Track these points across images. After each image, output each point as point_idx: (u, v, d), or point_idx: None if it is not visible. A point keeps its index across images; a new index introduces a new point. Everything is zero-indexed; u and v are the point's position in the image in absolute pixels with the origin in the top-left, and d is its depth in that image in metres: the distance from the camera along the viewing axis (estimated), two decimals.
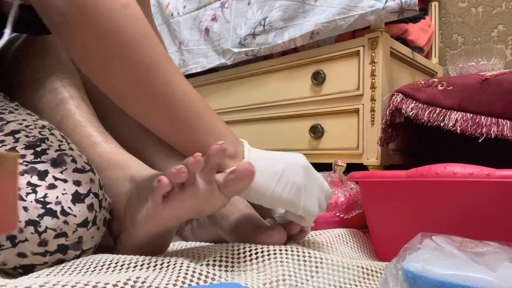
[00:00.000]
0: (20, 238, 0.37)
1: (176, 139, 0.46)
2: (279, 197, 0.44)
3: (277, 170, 0.44)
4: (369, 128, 0.91)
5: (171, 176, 0.38)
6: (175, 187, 0.39)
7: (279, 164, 0.45)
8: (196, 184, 0.39)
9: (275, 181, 0.44)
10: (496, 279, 0.28)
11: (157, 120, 0.45)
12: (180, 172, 0.37)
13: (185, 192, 0.39)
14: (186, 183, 0.39)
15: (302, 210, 0.45)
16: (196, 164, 0.37)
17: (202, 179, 0.39)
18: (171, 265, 0.38)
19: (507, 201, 0.45)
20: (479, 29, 1.24)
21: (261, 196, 0.44)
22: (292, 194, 0.44)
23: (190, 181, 0.39)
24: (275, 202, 0.45)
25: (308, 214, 0.46)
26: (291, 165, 0.45)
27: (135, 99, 0.43)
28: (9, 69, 0.61)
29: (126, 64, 0.41)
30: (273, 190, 0.44)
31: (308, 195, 0.46)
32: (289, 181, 0.44)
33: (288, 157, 0.46)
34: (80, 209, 0.40)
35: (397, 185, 0.54)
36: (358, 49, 0.93)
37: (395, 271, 0.33)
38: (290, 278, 0.39)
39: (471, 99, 0.72)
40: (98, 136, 0.51)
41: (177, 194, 0.39)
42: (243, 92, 1.20)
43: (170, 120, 0.44)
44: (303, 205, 0.45)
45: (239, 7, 1.16)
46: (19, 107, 0.51)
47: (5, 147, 0.42)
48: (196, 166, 0.37)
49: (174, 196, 0.39)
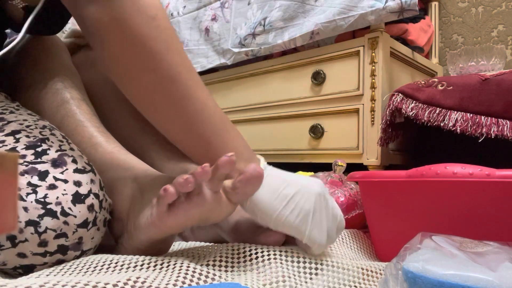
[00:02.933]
0: (20, 239, 0.37)
1: (192, 149, 0.48)
2: (284, 220, 0.42)
3: (287, 193, 0.43)
4: (369, 128, 0.91)
5: (177, 185, 0.37)
6: (181, 196, 0.39)
7: (291, 187, 0.43)
8: (203, 194, 0.38)
9: (283, 203, 0.42)
10: (496, 279, 0.28)
11: (175, 130, 0.47)
12: (187, 182, 0.37)
13: (191, 202, 0.38)
14: (193, 192, 0.38)
15: (307, 238, 0.43)
16: (203, 175, 0.37)
17: (209, 189, 0.39)
18: (171, 265, 0.38)
19: (507, 201, 0.45)
20: (479, 29, 1.24)
21: (267, 216, 0.43)
22: (299, 219, 0.42)
23: (197, 191, 0.38)
24: (280, 225, 0.43)
25: (313, 243, 0.43)
26: (303, 190, 0.43)
27: (156, 108, 0.46)
28: (11, 69, 0.61)
29: (151, 75, 0.44)
30: (279, 212, 0.42)
31: (316, 223, 0.43)
32: (298, 206, 0.42)
33: (303, 181, 0.45)
34: (81, 209, 0.40)
35: (397, 185, 0.54)
36: (358, 49, 0.93)
37: (395, 271, 0.33)
38: (290, 279, 0.39)
39: (471, 99, 0.72)
40: (99, 136, 0.51)
41: (183, 203, 0.39)
42: (243, 92, 1.20)
43: (187, 131, 0.46)
44: (308, 232, 0.43)
45: (239, 7, 1.16)
46: (20, 107, 0.51)
47: (5, 147, 0.42)
48: (203, 177, 0.37)
49: (180, 205, 0.39)
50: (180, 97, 0.44)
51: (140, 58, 0.43)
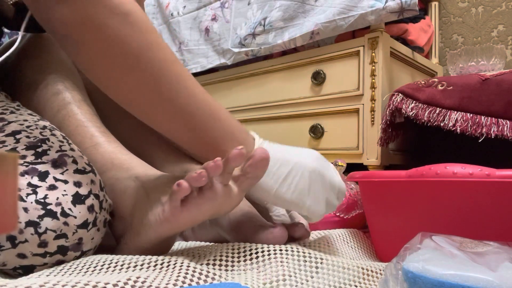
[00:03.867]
0: (20, 239, 0.37)
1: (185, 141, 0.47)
2: (282, 197, 0.45)
3: (281, 172, 0.45)
4: (369, 128, 0.91)
5: (191, 180, 0.38)
6: (193, 190, 0.39)
7: (284, 167, 0.46)
8: (214, 188, 0.39)
9: (278, 182, 0.45)
10: (496, 279, 0.28)
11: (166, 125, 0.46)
12: (200, 176, 0.37)
13: (204, 196, 0.39)
14: (204, 187, 0.39)
15: (307, 210, 0.47)
16: (216, 169, 0.37)
17: (220, 182, 0.40)
18: (171, 265, 0.38)
19: (507, 201, 0.45)
20: (479, 29, 1.24)
21: (265, 194, 0.46)
22: (295, 196, 0.45)
23: (208, 185, 0.39)
24: (278, 202, 0.46)
25: (312, 214, 0.47)
26: (296, 168, 0.46)
27: (143, 107, 0.44)
28: (11, 69, 0.61)
29: (132, 75, 0.42)
30: (276, 190, 0.45)
31: (313, 197, 0.46)
32: (293, 183, 0.45)
33: (297, 157, 0.47)
34: (81, 210, 0.40)
35: (397, 185, 0.54)
36: (358, 49, 0.93)
37: (395, 271, 0.33)
38: (290, 278, 0.39)
39: (471, 99, 0.72)
40: (100, 136, 0.51)
41: (195, 198, 0.39)
42: (243, 92, 1.20)
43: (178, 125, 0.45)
44: (307, 206, 0.46)
45: (239, 7, 1.16)
46: (20, 107, 0.51)
47: (6, 147, 0.42)
48: (216, 171, 0.38)
49: (193, 200, 0.39)
50: (166, 93, 0.43)
51: (118, 59, 0.41)
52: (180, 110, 0.44)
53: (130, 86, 0.43)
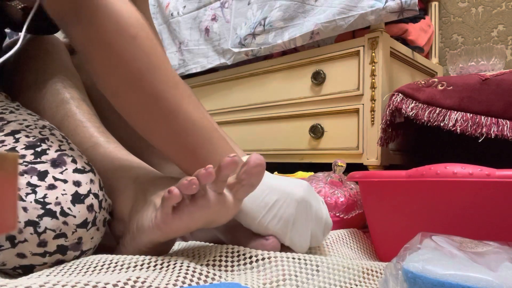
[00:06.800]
0: (20, 239, 0.37)
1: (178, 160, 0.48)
2: (265, 227, 0.45)
3: (268, 201, 0.45)
4: (369, 128, 0.91)
5: (182, 188, 0.37)
6: (185, 198, 0.38)
7: (273, 194, 0.46)
8: (207, 196, 0.38)
9: (264, 211, 0.45)
10: (496, 279, 0.28)
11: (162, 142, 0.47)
12: (191, 184, 0.36)
13: (196, 204, 0.38)
14: (197, 194, 0.38)
15: (289, 242, 0.46)
16: (207, 176, 0.37)
17: (213, 190, 0.39)
18: (171, 265, 0.38)
19: (507, 201, 0.45)
20: (479, 29, 1.24)
21: (250, 221, 0.45)
22: (279, 227, 0.45)
23: (201, 193, 0.38)
24: (261, 230, 0.46)
25: (294, 246, 0.46)
26: (284, 197, 0.46)
27: (143, 123, 0.47)
28: (11, 69, 0.61)
29: (135, 94, 0.45)
30: (260, 219, 0.45)
31: (297, 230, 0.46)
32: (278, 214, 0.45)
33: (285, 187, 0.47)
34: (80, 209, 0.40)
35: (397, 185, 0.54)
36: (358, 49, 0.93)
37: (395, 271, 0.33)
38: (291, 278, 0.39)
39: (471, 99, 0.72)
40: (100, 137, 0.51)
41: (188, 206, 0.38)
42: (243, 92, 1.20)
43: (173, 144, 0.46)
44: (289, 238, 0.46)
45: (239, 7, 1.16)
46: (20, 107, 0.51)
47: (5, 147, 0.42)
48: (207, 178, 0.37)
49: (185, 207, 0.38)
50: (165, 114, 0.45)
51: (123, 78, 0.44)
52: (175, 133, 0.45)
53: (132, 103, 0.45)
